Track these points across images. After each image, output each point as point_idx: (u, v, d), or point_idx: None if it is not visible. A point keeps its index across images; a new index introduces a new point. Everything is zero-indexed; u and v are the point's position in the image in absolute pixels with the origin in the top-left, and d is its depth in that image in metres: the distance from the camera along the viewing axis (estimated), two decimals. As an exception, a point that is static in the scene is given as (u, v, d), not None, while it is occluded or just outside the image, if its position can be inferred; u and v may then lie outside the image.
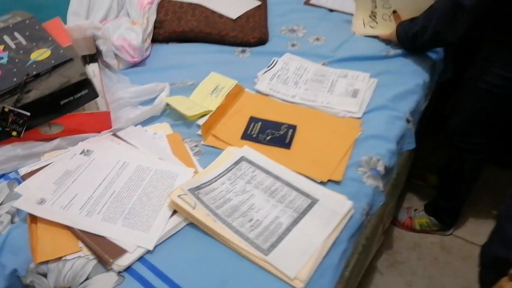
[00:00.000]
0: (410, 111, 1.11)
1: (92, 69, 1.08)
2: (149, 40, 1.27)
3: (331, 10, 1.55)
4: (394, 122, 1.06)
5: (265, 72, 1.20)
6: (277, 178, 0.87)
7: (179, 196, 0.79)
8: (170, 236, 0.77)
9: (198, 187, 0.83)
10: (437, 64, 1.33)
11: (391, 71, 1.22)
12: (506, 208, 0.67)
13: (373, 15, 1.34)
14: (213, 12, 1.36)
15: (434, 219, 1.54)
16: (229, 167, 0.89)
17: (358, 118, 1.05)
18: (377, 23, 1.34)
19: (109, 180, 0.85)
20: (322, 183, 0.88)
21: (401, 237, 1.56)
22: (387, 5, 1.31)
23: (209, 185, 0.84)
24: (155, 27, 1.32)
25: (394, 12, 1.30)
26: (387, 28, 1.31)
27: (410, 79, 1.20)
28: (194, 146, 0.97)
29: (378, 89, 1.15)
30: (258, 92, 1.14)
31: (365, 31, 1.37)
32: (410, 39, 1.22)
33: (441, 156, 1.58)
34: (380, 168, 0.94)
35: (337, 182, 0.89)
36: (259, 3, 1.48)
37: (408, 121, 1.10)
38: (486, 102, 1.19)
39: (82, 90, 0.91)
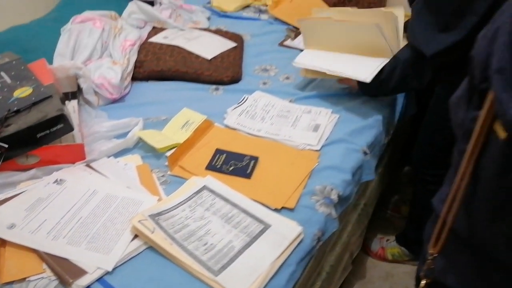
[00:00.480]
0: (367, 145, 1.19)
1: (72, 105, 1.17)
2: (129, 79, 1.38)
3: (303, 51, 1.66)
4: (350, 154, 1.14)
5: (234, 108, 1.29)
6: (234, 205, 0.94)
7: (139, 221, 0.86)
8: (130, 259, 0.83)
9: (159, 213, 0.90)
10: (398, 100, 1.43)
11: (353, 107, 1.31)
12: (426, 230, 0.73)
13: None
14: (190, 53, 1.47)
15: (405, 249, 1.59)
16: (191, 195, 0.96)
17: (317, 150, 1.13)
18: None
19: (77, 207, 0.92)
20: (276, 210, 0.95)
21: (374, 267, 1.60)
22: None
23: (169, 211, 0.91)
24: (135, 67, 1.43)
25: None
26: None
27: (370, 114, 1.29)
28: (161, 176, 1.05)
29: (338, 124, 1.24)
30: (226, 126, 1.23)
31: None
32: (375, 87, 1.22)
33: (415, 187, 1.64)
34: (334, 196, 1.01)
35: (290, 209, 0.95)
36: (235, 44, 1.60)
37: (365, 153, 1.18)
38: (443, 134, 1.27)
39: (58, 124, 0.99)
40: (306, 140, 1.16)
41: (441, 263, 0.65)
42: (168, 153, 1.09)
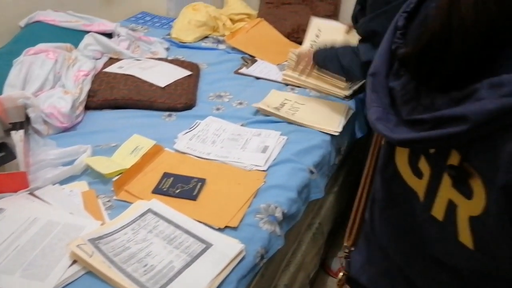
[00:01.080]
0: (314, 164, 1.23)
1: (19, 134, 1.17)
2: (81, 108, 1.39)
3: (258, 78, 1.72)
4: (296, 173, 1.17)
5: (186, 133, 1.32)
6: (178, 226, 0.95)
7: (78, 245, 0.85)
8: (68, 284, 0.82)
9: (100, 237, 0.89)
10: (348, 122, 1.49)
11: (302, 130, 1.36)
12: None
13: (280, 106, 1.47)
14: (143, 82, 1.50)
15: (365, 268, 1.60)
16: (135, 218, 0.97)
17: (264, 170, 1.16)
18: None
19: (15, 235, 0.91)
20: (220, 229, 0.96)
21: (334, 286, 1.60)
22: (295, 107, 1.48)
23: (111, 235, 0.91)
24: (89, 96, 1.45)
25: None
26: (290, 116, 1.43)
27: (317, 136, 1.34)
28: (107, 201, 1.05)
29: (287, 145, 1.28)
30: (176, 151, 1.25)
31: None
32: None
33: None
34: (278, 214, 1.03)
35: (234, 228, 0.96)
36: (190, 73, 1.64)
37: (311, 172, 1.21)
38: None
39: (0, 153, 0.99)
40: (254, 161, 1.19)
41: (359, 262, 0.68)
42: (115, 179, 1.09)
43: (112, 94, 1.46)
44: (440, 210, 0.48)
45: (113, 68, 1.58)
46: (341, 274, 0.71)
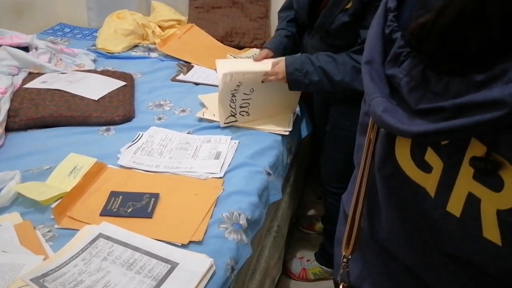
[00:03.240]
0: (269, 165, 1.20)
1: None
2: (1, 130, 1.21)
3: (197, 84, 1.65)
4: (254, 176, 1.13)
5: (129, 147, 1.21)
6: (136, 249, 0.85)
7: (19, 288, 0.72)
8: (10, 337, 0.69)
9: (45, 274, 0.77)
10: (296, 121, 1.48)
11: (251, 132, 1.32)
12: (337, 233, 0.72)
13: (232, 114, 1.34)
14: (73, 96, 1.36)
15: (325, 267, 1.60)
16: (84, 247, 0.85)
17: (220, 177, 1.10)
18: (236, 119, 1.34)
19: None
20: (184, 245, 0.88)
21: (297, 289, 1.58)
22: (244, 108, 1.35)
23: (58, 270, 0.79)
24: (9, 116, 1.27)
25: None
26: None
27: (269, 136, 1.31)
28: (47, 231, 0.91)
29: (239, 149, 1.23)
30: (121, 167, 1.14)
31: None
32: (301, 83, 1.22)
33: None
34: (242, 221, 0.98)
35: (199, 242, 0.89)
36: (124, 83, 1.53)
37: (268, 174, 1.17)
38: (347, 148, 1.32)
39: None
40: (208, 169, 1.13)
41: (357, 269, 0.63)
42: (54, 205, 0.96)
43: (37, 112, 1.30)
44: (457, 205, 0.44)
45: (35, 84, 1.42)
46: (341, 286, 0.66)
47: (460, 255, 0.46)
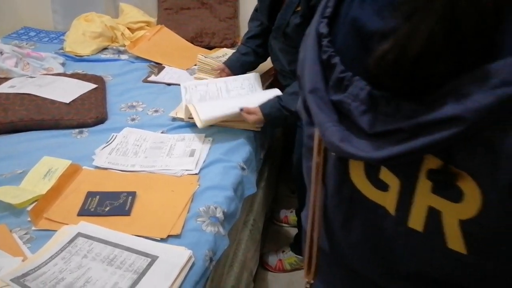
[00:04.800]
0: (243, 160, 1.24)
1: None
2: (-30, 136, 1.20)
3: (169, 84, 1.67)
4: (228, 171, 1.16)
5: (103, 148, 1.22)
6: (116, 245, 0.87)
7: (0, 288, 0.73)
8: (-7, 337, 0.70)
9: (25, 274, 0.78)
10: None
11: (225, 129, 1.35)
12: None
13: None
14: (44, 99, 1.36)
15: (301, 256, 1.65)
16: (63, 246, 0.86)
17: (196, 174, 1.13)
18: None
19: None
20: (163, 240, 0.90)
21: (275, 280, 1.63)
22: None
23: (38, 269, 0.80)
24: (-23, 122, 1.26)
25: None
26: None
27: (241, 133, 1.34)
28: (24, 234, 0.92)
29: (213, 146, 1.26)
30: (96, 167, 1.15)
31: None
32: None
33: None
34: (219, 214, 1.01)
35: (177, 236, 0.92)
36: (95, 86, 1.53)
37: (243, 168, 1.21)
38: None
39: None
40: (184, 166, 1.15)
41: None
42: (30, 207, 0.96)
43: (6, 117, 1.28)
44: (419, 220, 0.43)
45: (3, 88, 1.40)
46: None
47: (427, 272, 0.46)
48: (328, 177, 0.51)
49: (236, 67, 1.51)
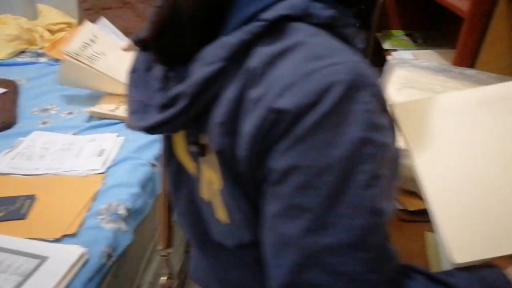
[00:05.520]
0: (154, 157, 1.24)
1: None
2: None
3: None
4: (137, 169, 1.16)
5: (6, 153, 1.19)
6: (4, 250, 0.85)
7: None
8: None
9: None
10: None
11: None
12: None
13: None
14: None
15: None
16: None
17: (102, 173, 1.12)
18: None
19: None
20: (57, 240, 0.89)
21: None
22: None
23: None
24: None
25: None
26: None
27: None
28: None
29: (125, 144, 1.26)
30: (-3, 173, 1.11)
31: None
32: None
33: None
34: (122, 211, 1.01)
35: (73, 235, 0.91)
36: (5, 90, 1.48)
37: (153, 165, 1.22)
38: None
39: None
40: (90, 166, 1.14)
41: (192, 264, 0.65)
42: None
43: None
44: (205, 190, 0.47)
45: None
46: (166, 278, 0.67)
47: (216, 239, 0.49)
48: (161, 153, 0.55)
49: None
